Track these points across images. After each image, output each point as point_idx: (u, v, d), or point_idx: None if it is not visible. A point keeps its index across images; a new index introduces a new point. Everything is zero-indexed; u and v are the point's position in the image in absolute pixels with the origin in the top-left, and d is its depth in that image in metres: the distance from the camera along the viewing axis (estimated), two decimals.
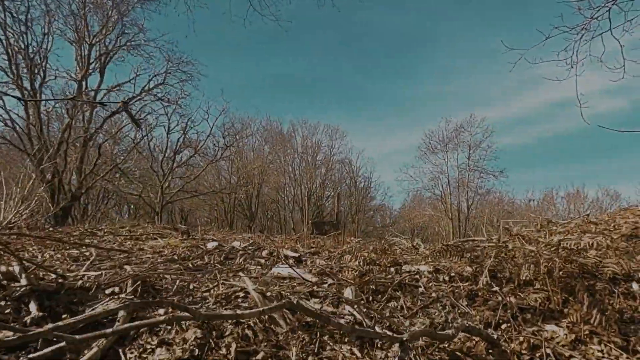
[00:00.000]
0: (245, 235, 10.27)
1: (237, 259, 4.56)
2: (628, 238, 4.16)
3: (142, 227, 9.75)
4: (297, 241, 6.78)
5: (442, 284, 3.57)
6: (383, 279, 3.64)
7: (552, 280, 3.08)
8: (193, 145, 23.24)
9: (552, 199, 57.32)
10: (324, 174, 48.22)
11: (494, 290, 3.35)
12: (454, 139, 36.96)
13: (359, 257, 4.28)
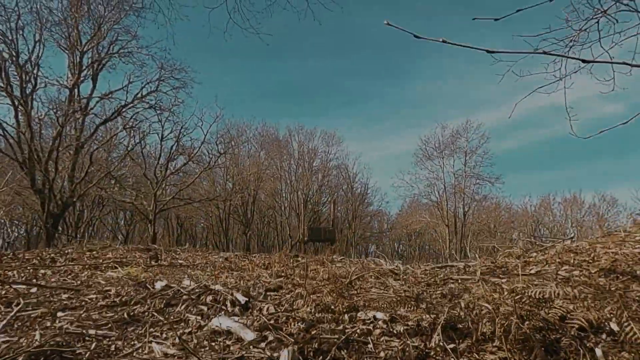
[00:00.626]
0: (223, 254, 9.92)
1: (180, 305, 4.04)
2: (607, 273, 3.95)
3: (112, 248, 9.47)
4: (270, 265, 6.55)
5: (394, 339, 3.17)
6: (331, 332, 3.24)
7: (511, 338, 2.77)
8: (187, 153, 23.15)
9: (549, 204, 57.31)
10: (321, 179, 48.16)
11: (449, 347, 2.83)
12: (450, 145, 36.96)
13: (312, 302, 3.83)
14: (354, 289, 4.37)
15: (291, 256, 7.91)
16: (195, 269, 6.89)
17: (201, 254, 9.51)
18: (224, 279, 5.56)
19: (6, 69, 15.38)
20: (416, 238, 61.13)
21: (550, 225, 56.42)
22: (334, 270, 5.37)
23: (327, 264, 6.49)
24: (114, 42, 18.69)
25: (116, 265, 6.75)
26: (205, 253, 10.16)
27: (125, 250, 9.09)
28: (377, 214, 63.15)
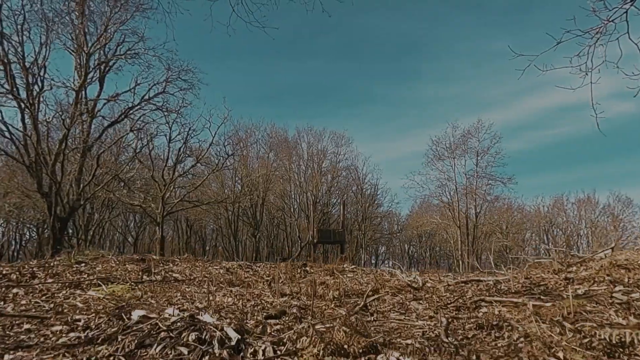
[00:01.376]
0: (226, 264, 9.03)
1: (155, 346, 3.12)
2: None
3: (103, 259, 8.76)
4: (273, 281, 5.91)
5: None
6: None
7: None
8: (195, 154, 22.92)
9: (562, 205, 56.42)
10: (330, 181, 47.80)
11: None
12: (461, 146, 36.37)
13: (320, 340, 3.01)
14: (369, 313, 3.86)
15: (299, 266, 7.47)
16: (191, 284, 6.30)
17: (201, 265, 8.81)
18: (220, 298, 5.02)
19: (12, 71, 15.24)
20: (427, 239, 60.59)
21: (563, 227, 55.53)
22: (345, 283, 4.95)
23: (337, 274, 6.08)
24: (120, 44, 18.53)
25: (100, 282, 6.02)
26: (206, 263, 9.34)
27: (117, 262, 8.31)
28: (387, 215, 62.63)
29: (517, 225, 55.29)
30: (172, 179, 22.02)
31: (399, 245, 68.43)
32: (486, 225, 46.33)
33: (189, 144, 22.46)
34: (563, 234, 55.62)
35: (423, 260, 69.44)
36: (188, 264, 8.49)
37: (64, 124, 15.98)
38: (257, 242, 37.03)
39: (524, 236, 57.38)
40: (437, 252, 66.64)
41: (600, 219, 52.90)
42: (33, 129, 15.55)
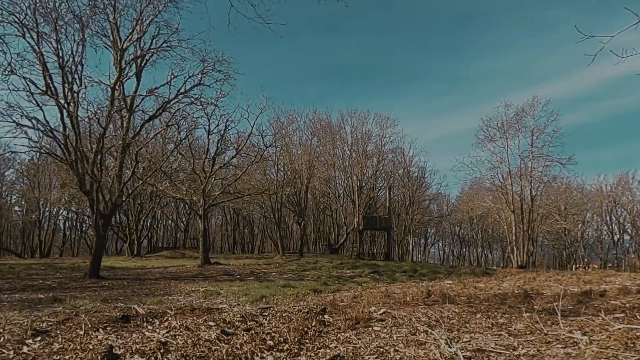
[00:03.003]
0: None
1: None
2: None
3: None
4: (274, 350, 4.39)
5: None
6: None
7: None
8: (234, 146, 22.64)
9: (627, 183, 52.56)
10: (376, 164, 46.61)
11: None
12: (514, 125, 34.11)
13: None
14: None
15: (315, 316, 5.97)
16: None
17: (193, 325, 6.63)
18: None
19: (49, 71, 15.28)
20: (478, 221, 58.32)
21: (628, 207, 51.80)
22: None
23: (361, 332, 4.99)
24: (155, 37, 18.24)
25: None
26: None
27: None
28: (436, 197, 60.79)
29: (576, 206, 52.07)
30: (213, 171, 21.82)
31: (448, 227, 66.51)
32: (542, 207, 43.79)
33: (227, 135, 22.20)
34: (628, 215, 51.91)
35: (474, 243, 67.30)
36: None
37: (98, 122, 15.95)
38: (302, 229, 36.69)
39: (584, 217, 54.06)
40: (490, 234, 64.21)
41: None
42: (72, 128, 15.62)
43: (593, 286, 11.07)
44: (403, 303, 6.87)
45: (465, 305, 5.82)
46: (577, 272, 17.75)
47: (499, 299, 7.45)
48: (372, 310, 5.18)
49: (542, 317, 4.22)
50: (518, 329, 4.30)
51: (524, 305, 6.71)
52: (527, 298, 7.43)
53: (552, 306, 4.71)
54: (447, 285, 12.36)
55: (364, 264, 20.14)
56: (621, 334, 3.88)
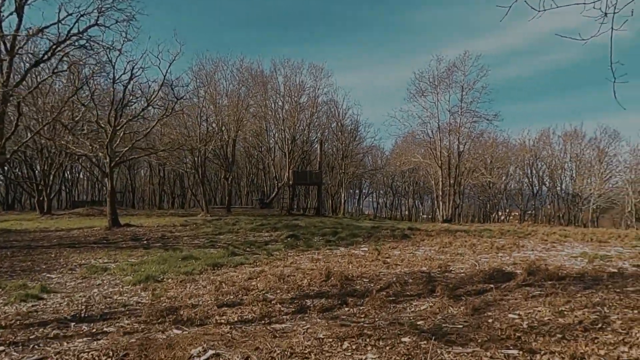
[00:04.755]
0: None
1: None
2: None
3: None
4: None
5: None
6: None
7: None
8: (146, 97, 20.37)
9: (548, 138, 55.10)
10: (309, 117, 45.27)
11: None
12: (445, 80, 33.78)
13: None
14: None
15: None
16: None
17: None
18: None
19: None
20: (411, 173, 59.27)
21: (548, 160, 54.56)
22: None
23: None
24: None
25: None
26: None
27: None
28: (370, 149, 61.02)
29: (501, 160, 54.16)
30: (120, 125, 19.62)
31: (382, 179, 67.33)
32: (470, 161, 44.92)
33: (137, 85, 19.88)
34: (547, 168, 54.76)
35: (407, 194, 68.92)
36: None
37: None
38: (229, 184, 35.16)
39: (508, 170, 56.50)
40: (421, 186, 65.85)
41: (586, 153, 51.84)
42: None
43: (505, 255, 10.79)
44: (267, 314, 5.89)
45: (347, 316, 4.91)
46: (493, 231, 17.89)
47: (400, 285, 6.69)
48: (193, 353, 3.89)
49: (422, 347, 3.32)
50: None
51: (423, 296, 5.98)
52: (429, 283, 6.73)
53: (439, 324, 3.84)
54: (360, 254, 11.70)
55: (285, 225, 19.24)
56: None
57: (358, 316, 4.87)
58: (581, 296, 4.60)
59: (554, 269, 8.26)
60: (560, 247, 12.55)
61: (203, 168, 30.03)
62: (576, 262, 9.38)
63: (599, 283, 6.15)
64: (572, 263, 9.17)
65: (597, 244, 13.16)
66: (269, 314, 5.59)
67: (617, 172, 48.79)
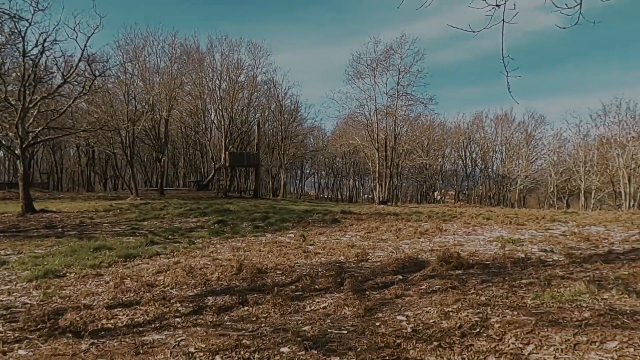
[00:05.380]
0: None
1: None
2: None
3: None
4: None
5: None
6: None
7: None
8: (62, 72, 18.80)
9: (481, 121, 57.35)
10: (248, 96, 44.24)
11: None
12: (383, 62, 33.93)
13: None
14: None
15: None
16: None
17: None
18: None
19: None
20: (351, 155, 59.75)
21: (481, 142, 56.85)
22: None
23: None
24: None
25: None
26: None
27: None
28: (312, 130, 60.87)
29: (437, 142, 55.82)
30: (32, 102, 18.03)
31: (324, 160, 67.52)
32: (407, 144, 45.84)
33: (50, 59, 18.27)
34: (480, 150, 57.10)
35: (347, 175, 69.60)
36: None
37: None
38: (162, 165, 33.77)
39: (443, 152, 58.37)
40: (362, 167, 66.73)
41: (515, 136, 54.46)
42: None
43: (425, 241, 10.94)
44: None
45: (238, 320, 4.62)
46: (422, 214, 18.29)
47: (310, 279, 6.49)
48: None
49: (300, 358, 3.09)
50: None
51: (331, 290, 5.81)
52: (340, 275, 6.58)
53: (326, 329, 3.63)
54: (286, 241, 11.48)
55: (215, 210, 18.64)
56: None
57: (249, 319, 4.59)
58: (474, 292, 4.58)
59: (467, 255, 8.41)
60: (480, 230, 12.92)
61: (131, 149, 28.50)
62: (490, 247, 9.63)
63: (501, 272, 6.25)
64: (486, 248, 9.40)
65: (515, 226, 13.67)
66: (163, 315, 5.20)
67: (542, 155, 51.74)
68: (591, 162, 38.55)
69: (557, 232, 11.94)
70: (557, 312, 3.59)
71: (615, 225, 13.04)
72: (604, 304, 3.66)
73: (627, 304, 3.60)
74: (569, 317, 3.41)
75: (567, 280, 4.75)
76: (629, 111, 35.05)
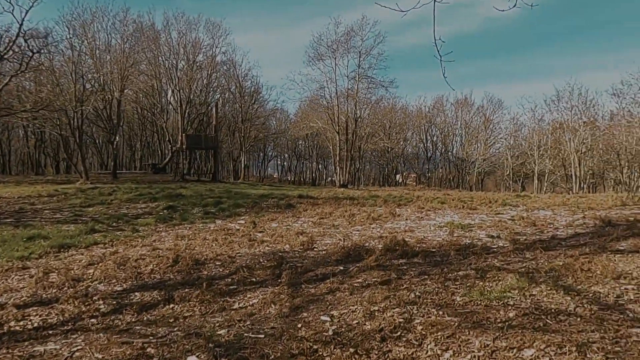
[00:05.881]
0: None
1: None
2: None
3: None
4: None
5: None
6: None
7: None
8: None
9: (442, 105, 58.04)
10: (207, 77, 42.95)
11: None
12: (343, 45, 33.48)
13: None
14: None
15: None
16: None
17: None
18: None
19: None
20: (314, 137, 59.44)
21: (441, 126, 57.64)
22: None
23: None
24: None
25: None
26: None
27: None
28: (274, 112, 60.01)
29: (399, 126, 56.18)
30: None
31: (287, 143, 66.82)
32: (369, 127, 45.86)
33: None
34: (440, 134, 57.92)
35: (310, 158, 69.26)
36: None
37: None
38: (115, 148, 32.43)
39: (405, 135, 58.88)
40: (324, 150, 66.57)
41: (474, 120, 55.48)
42: None
43: (377, 227, 10.81)
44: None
45: (155, 321, 4.27)
46: (379, 198, 18.28)
47: (248, 270, 6.18)
48: None
49: None
50: None
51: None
52: (279, 267, 6.31)
53: (242, 333, 3.34)
54: (235, 228, 11.11)
55: (166, 195, 17.96)
56: None
57: (167, 320, 4.25)
58: (406, 287, 4.38)
59: (415, 242, 8.30)
60: (433, 215, 12.93)
61: (80, 130, 27.14)
62: (440, 233, 9.58)
63: (443, 261, 6.14)
64: (435, 234, 9.34)
65: (467, 211, 13.77)
66: (79, 315, 4.78)
67: (499, 139, 52.99)
68: (545, 146, 39.69)
69: (506, 216, 12.06)
70: (483, 311, 3.42)
71: (563, 209, 13.33)
72: (531, 301, 3.51)
73: (553, 302, 3.47)
74: (494, 318, 3.25)
75: (502, 272, 4.63)
76: (580, 97, 36.13)
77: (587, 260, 4.83)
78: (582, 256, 5.19)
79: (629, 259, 4.79)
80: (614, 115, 36.51)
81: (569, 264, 4.62)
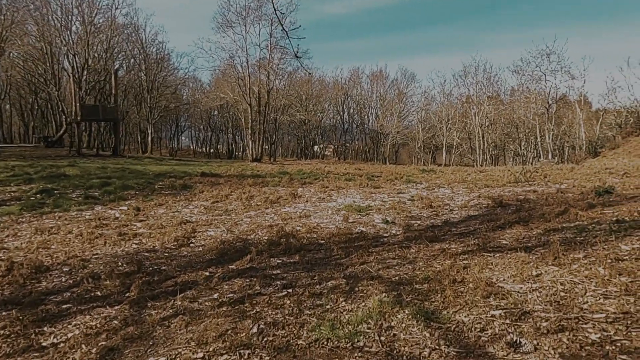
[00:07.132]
0: None
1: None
2: None
3: None
4: None
5: None
6: None
7: None
8: None
9: (358, 77, 58.22)
10: (107, 41, 39.20)
11: None
12: (254, 11, 31.82)
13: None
14: None
15: None
16: None
17: None
18: None
19: None
20: (228, 108, 57.25)
21: (357, 99, 57.91)
22: None
23: None
24: None
25: None
26: None
27: None
28: (185, 81, 56.72)
29: (316, 97, 55.59)
30: None
31: (200, 114, 63.72)
32: (285, 98, 44.76)
33: None
34: (356, 106, 58.27)
35: (226, 130, 66.85)
36: None
37: None
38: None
39: (322, 107, 58.53)
40: (239, 122, 64.51)
41: (389, 92, 56.30)
42: None
43: (272, 212, 10.11)
44: None
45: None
46: (286, 175, 17.64)
47: (94, 281, 5.17)
48: None
49: None
50: None
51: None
52: (135, 273, 5.37)
53: None
54: (115, 216, 9.83)
55: (45, 176, 15.90)
56: None
57: None
58: (255, 313, 3.65)
59: (305, 232, 7.69)
60: (336, 195, 12.49)
61: None
62: (336, 218, 9.09)
63: (324, 260, 5.56)
64: (330, 221, 8.82)
65: (370, 190, 13.49)
66: None
67: (412, 112, 54.41)
68: (452, 120, 41.19)
69: (407, 196, 11.90)
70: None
71: (461, 186, 13.48)
72: (386, 339, 2.90)
73: (410, 341, 2.89)
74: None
75: (374, 282, 4.09)
76: (485, 73, 37.65)
77: (465, 264, 4.44)
78: (461, 255, 4.84)
79: (507, 261, 4.46)
80: (515, 91, 38.60)
81: (444, 271, 4.19)
